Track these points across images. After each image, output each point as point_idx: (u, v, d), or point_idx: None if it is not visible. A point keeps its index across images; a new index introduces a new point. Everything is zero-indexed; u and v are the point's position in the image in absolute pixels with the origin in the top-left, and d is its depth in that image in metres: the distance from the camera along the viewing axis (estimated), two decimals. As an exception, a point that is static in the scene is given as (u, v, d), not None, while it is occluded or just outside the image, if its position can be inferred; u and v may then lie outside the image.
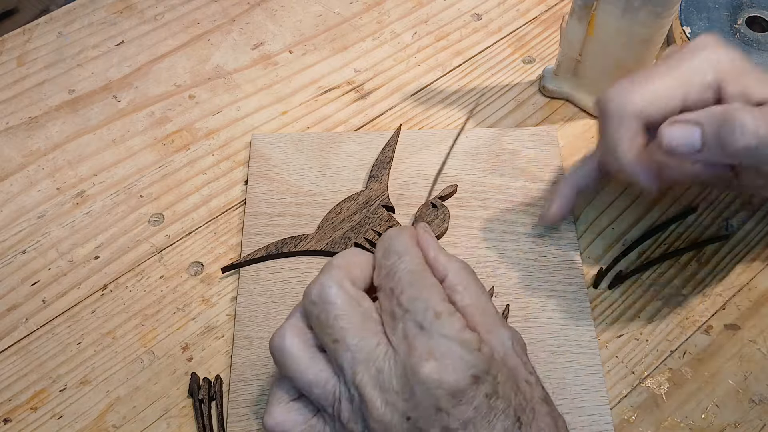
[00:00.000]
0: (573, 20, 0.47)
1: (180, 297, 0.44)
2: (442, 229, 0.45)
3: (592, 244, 0.46)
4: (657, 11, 0.43)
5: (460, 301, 0.33)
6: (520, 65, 0.55)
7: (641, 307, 0.43)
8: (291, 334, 0.33)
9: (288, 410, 0.33)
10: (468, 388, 0.30)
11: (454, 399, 0.29)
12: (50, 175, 0.50)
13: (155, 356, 0.42)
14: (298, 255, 0.45)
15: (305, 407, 0.34)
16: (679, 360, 0.42)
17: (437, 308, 0.31)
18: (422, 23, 0.58)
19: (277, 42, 0.57)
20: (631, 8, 0.43)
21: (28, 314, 0.44)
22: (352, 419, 0.31)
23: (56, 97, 0.54)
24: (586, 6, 0.45)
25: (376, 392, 0.31)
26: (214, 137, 0.52)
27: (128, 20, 0.58)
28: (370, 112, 0.53)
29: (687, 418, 0.40)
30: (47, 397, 0.41)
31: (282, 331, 0.33)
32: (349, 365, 0.31)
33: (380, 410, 0.30)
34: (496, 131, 0.50)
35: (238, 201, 0.48)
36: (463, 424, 0.30)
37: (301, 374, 0.32)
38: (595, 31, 0.46)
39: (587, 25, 0.46)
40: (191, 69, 0.56)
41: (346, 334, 0.31)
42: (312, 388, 0.32)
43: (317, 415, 0.33)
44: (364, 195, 0.47)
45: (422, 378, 0.29)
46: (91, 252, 0.46)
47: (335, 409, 0.32)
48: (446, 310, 0.31)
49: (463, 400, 0.30)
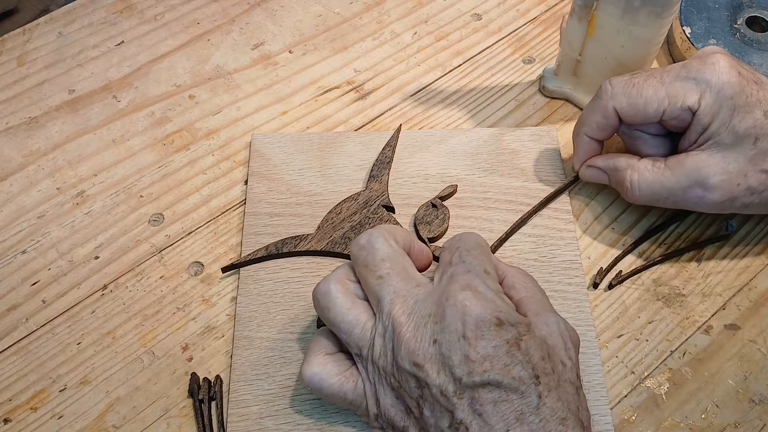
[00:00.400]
0: (573, 20, 0.47)
1: (180, 297, 0.44)
2: (442, 229, 0.45)
3: (592, 244, 0.46)
4: (657, 11, 0.43)
5: (515, 295, 0.36)
6: (520, 65, 0.55)
7: (641, 307, 0.43)
8: (335, 280, 0.36)
9: (325, 362, 0.36)
10: (491, 324, 0.32)
11: (477, 330, 0.32)
12: (50, 175, 0.50)
13: (155, 356, 0.42)
14: (298, 255, 0.45)
15: (342, 360, 0.36)
16: (679, 360, 0.42)
17: (488, 268, 0.36)
18: (422, 23, 0.58)
19: (277, 42, 0.57)
20: (631, 8, 0.43)
21: (28, 314, 0.44)
22: (382, 353, 0.34)
23: (56, 97, 0.54)
24: (586, 6, 0.45)
25: (409, 319, 0.34)
26: (214, 137, 0.52)
27: (128, 20, 0.58)
28: (370, 112, 0.53)
29: (687, 418, 0.40)
30: (47, 397, 0.41)
31: (327, 278, 0.37)
32: (389, 297, 0.34)
33: (409, 334, 0.33)
34: (496, 131, 0.50)
35: (238, 201, 0.48)
36: (481, 358, 0.32)
37: (344, 315, 0.35)
38: (595, 32, 0.46)
39: (587, 26, 0.46)
40: (191, 69, 0.56)
41: (390, 272, 0.35)
42: (352, 328, 0.35)
43: (352, 367, 0.36)
44: (364, 195, 0.47)
45: (455, 302, 0.33)
46: (91, 252, 0.46)
47: (369, 348, 0.35)
48: (494, 273, 0.36)
49: (485, 335, 0.32)
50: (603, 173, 0.45)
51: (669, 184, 0.41)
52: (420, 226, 0.45)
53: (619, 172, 0.43)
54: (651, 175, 0.42)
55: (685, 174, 0.40)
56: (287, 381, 0.40)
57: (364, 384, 0.35)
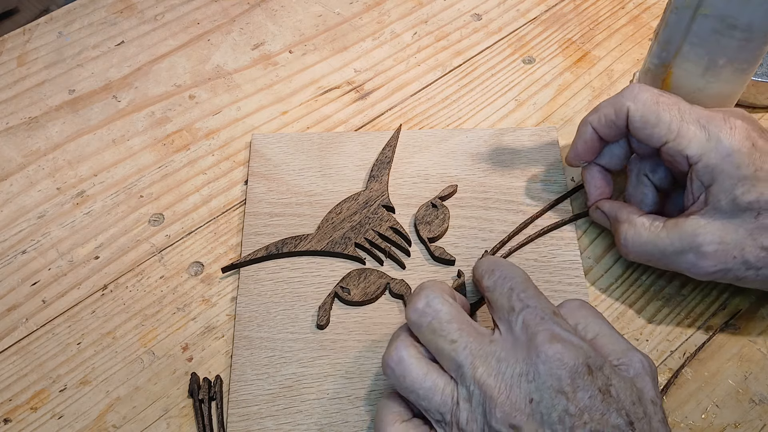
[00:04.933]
0: (646, 78, 0.45)
1: (180, 297, 0.44)
2: (442, 229, 0.45)
3: (592, 244, 0.46)
4: (743, 68, 0.41)
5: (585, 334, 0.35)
6: (520, 65, 0.55)
7: (641, 307, 0.43)
8: (404, 346, 0.35)
9: (404, 430, 0.34)
10: (584, 374, 0.31)
11: (573, 382, 0.31)
12: (50, 175, 0.50)
13: (155, 356, 0.42)
14: (298, 255, 0.45)
15: (420, 426, 0.35)
16: (679, 360, 0.42)
17: (554, 309, 0.34)
18: (422, 23, 0.58)
19: (277, 42, 0.57)
20: (714, 66, 0.41)
21: (28, 314, 0.44)
22: (470, 418, 0.32)
23: (56, 97, 0.54)
24: (663, 65, 0.43)
25: (497, 381, 0.32)
26: (214, 137, 0.52)
27: (128, 20, 0.58)
28: (370, 112, 0.53)
29: (687, 418, 0.40)
30: (47, 397, 0.41)
31: (396, 345, 0.35)
32: (469, 362, 0.33)
33: (503, 397, 0.32)
34: (496, 131, 0.50)
35: (238, 201, 0.48)
36: (580, 411, 0.31)
37: (421, 382, 0.34)
38: (671, 89, 0.44)
39: (661, 84, 0.44)
40: (191, 69, 0.56)
41: (461, 334, 0.34)
42: (432, 395, 0.33)
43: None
44: (364, 195, 0.47)
45: (547, 357, 0.31)
46: (91, 252, 0.46)
47: (453, 415, 0.33)
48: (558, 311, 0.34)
49: (580, 386, 0.31)
50: (606, 217, 0.44)
51: (662, 246, 0.40)
52: (420, 226, 0.45)
53: (618, 224, 0.42)
54: (646, 234, 0.40)
55: (680, 237, 0.39)
56: (287, 381, 0.40)
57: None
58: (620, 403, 0.31)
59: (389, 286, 0.43)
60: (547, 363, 0.31)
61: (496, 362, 0.33)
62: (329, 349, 0.42)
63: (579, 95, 0.53)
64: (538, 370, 0.31)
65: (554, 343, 0.32)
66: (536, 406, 0.31)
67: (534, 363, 0.32)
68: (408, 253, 0.45)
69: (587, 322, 0.35)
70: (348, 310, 0.43)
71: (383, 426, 0.35)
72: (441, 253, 0.44)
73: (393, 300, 0.43)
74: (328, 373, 0.41)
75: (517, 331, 0.33)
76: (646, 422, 0.32)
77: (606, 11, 0.59)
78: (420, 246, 0.45)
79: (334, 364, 0.41)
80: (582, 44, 0.56)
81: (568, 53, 0.56)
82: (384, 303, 0.43)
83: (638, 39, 0.56)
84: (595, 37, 0.57)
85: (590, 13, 0.58)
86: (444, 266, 0.45)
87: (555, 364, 0.31)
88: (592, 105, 0.53)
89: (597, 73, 0.55)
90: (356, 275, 0.44)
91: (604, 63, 0.55)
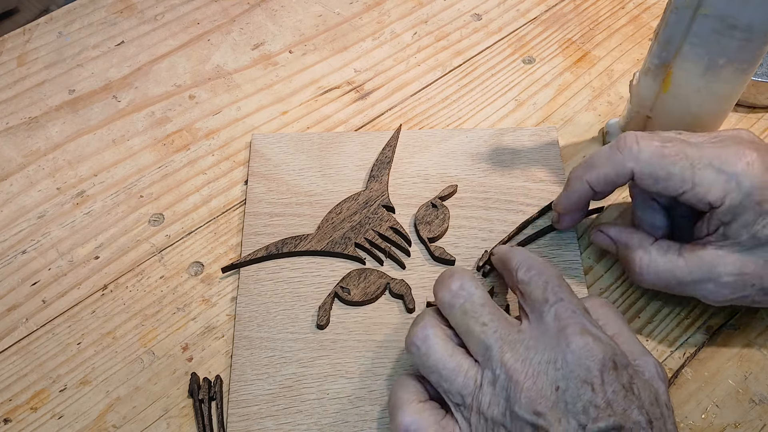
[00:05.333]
0: (646, 78, 0.45)
1: (180, 297, 0.44)
2: (442, 229, 0.45)
3: (592, 244, 0.46)
4: (743, 68, 0.41)
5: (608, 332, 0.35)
6: (520, 65, 0.55)
7: (641, 307, 0.43)
8: (431, 325, 0.35)
9: (421, 410, 0.34)
10: (610, 369, 0.32)
11: (600, 375, 0.31)
12: (50, 175, 0.50)
13: (155, 356, 0.42)
14: (298, 255, 0.45)
15: (436, 408, 0.35)
16: (679, 360, 0.42)
17: (585, 307, 0.35)
18: (422, 23, 0.58)
19: (277, 42, 0.57)
20: (714, 66, 0.41)
21: (28, 314, 0.44)
22: (493, 402, 0.33)
23: (56, 97, 0.54)
24: (663, 65, 0.43)
25: (525, 366, 0.32)
26: (214, 137, 0.52)
27: (128, 20, 0.58)
28: (370, 112, 0.53)
29: (687, 418, 0.40)
30: (47, 397, 0.41)
31: (422, 324, 0.35)
32: (498, 345, 0.33)
33: (530, 382, 0.32)
34: (496, 131, 0.50)
35: (238, 201, 0.48)
36: (605, 402, 0.31)
37: (445, 362, 0.34)
38: (670, 89, 0.44)
39: (661, 83, 0.44)
40: (191, 69, 0.56)
41: (492, 318, 0.34)
42: (455, 376, 0.34)
43: (447, 416, 0.34)
44: (364, 195, 0.47)
45: (576, 347, 0.32)
46: (91, 252, 0.46)
47: (474, 398, 0.33)
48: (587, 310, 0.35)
49: (606, 379, 0.31)
50: (612, 243, 0.43)
51: (680, 275, 0.39)
52: (420, 226, 0.45)
53: (630, 251, 0.41)
54: (663, 262, 0.40)
55: (699, 267, 0.38)
56: (287, 381, 0.40)
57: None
58: (641, 401, 0.32)
59: (389, 286, 0.43)
60: (577, 353, 0.32)
61: (525, 349, 0.33)
62: (329, 349, 0.42)
63: (579, 95, 0.53)
64: (567, 359, 0.32)
65: (585, 335, 0.32)
66: (562, 395, 0.31)
67: (563, 352, 0.32)
68: (408, 253, 0.45)
69: (607, 320, 0.36)
70: (348, 310, 0.43)
71: (400, 403, 0.35)
72: (441, 253, 0.44)
73: (393, 300, 0.43)
74: (328, 373, 0.41)
75: (548, 320, 0.33)
76: (662, 423, 0.32)
77: (606, 11, 0.59)
78: (420, 246, 0.45)
79: (334, 364, 0.41)
80: (582, 44, 0.56)
81: (568, 53, 0.56)
82: (384, 303, 0.43)
83: (638, 39, 0.57)
84: (595, 37, 0.57)
85: (590, 13, 0.58)
86: (444, 266, 0.45)
87: (584, 355, 0.32)
88: (592, 105, 0.53)
89: (597, 73, 0.55)
90: (356, 275, 0.44)
91: (604, 63, 0.55)
